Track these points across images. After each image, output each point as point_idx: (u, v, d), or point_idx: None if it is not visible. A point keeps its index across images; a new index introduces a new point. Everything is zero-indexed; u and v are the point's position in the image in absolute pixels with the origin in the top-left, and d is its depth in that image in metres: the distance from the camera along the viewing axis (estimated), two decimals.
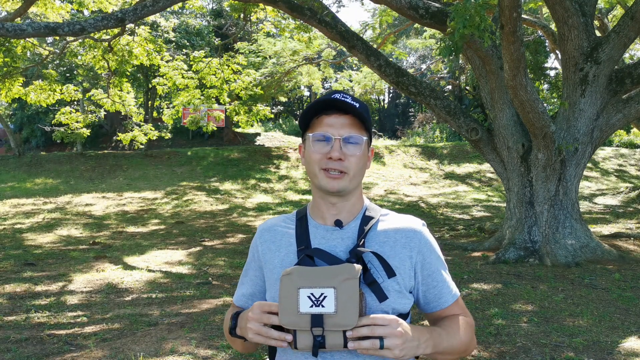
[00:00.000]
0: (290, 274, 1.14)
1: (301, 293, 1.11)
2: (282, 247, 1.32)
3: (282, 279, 1.15)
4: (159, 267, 6.75)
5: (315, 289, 1.11)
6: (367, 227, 1.29)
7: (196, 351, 3.80)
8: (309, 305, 1.10)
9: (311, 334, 1.11)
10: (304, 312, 1.10)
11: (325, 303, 1.10)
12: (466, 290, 5.40)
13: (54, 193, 14.52)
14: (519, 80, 5.81)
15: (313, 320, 1.10)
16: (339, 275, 1.11)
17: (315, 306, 1.10)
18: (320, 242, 1.29)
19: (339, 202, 1.30)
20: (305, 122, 1.31)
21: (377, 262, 1.23)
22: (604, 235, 8.28)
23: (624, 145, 21.44)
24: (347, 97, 1.26)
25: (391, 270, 1.21)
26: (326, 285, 1.10)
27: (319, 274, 1.13)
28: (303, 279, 1.12)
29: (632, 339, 4.00)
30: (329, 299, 1.10)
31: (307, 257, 1.23)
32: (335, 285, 1.10)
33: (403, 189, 15.80)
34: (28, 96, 11.39)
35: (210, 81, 12.20)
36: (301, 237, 1.30)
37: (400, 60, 27.75)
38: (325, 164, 1.26)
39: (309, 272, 1.14)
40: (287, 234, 1.34)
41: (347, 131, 1.26)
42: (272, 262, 1.32)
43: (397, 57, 14.88)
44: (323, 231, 1.30)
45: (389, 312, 1.22)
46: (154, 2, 6.53)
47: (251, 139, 23.62)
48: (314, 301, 1.10)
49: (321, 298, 1.10)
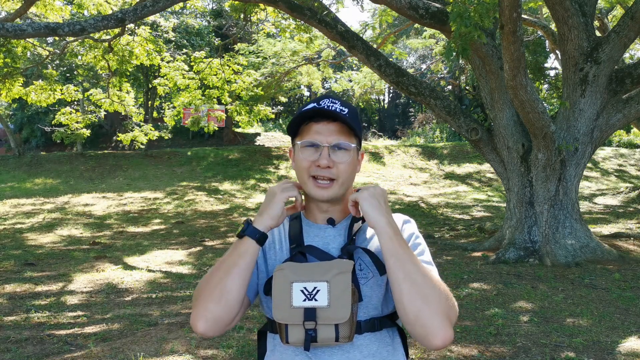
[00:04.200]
0: (283, 269, 1.15)
1: (294, 287, 1.12)
2: (276, 243, 1.34)
3: (276, 274, 1.16)
4: (159, 267, 6.75)
5: (309, 283, 1.11)
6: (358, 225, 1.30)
7: (196, 351, 3.80)
8: (302, 299, 1.11)
9: (303, 328, 1.11)
10: (297, 306, 1.11)
11: (318, 297, 1.11)
12: (466, 290, 5.40)
13: (54, 193, 14.52)
14: (519, 80, 5.81)
15: (306, 314, 1.11)
16: (332, 269, 1.12)
17: (309, 300, 1.11)
18: (314, 240, 1.30)
19: (331, 207, 1.32)
20: (294, 129, 1.31)
21: (368, 259, 1.24)
22: (604, 235, 8.28)
23: (624, 145, 21.44)
24: (335, 103, 1.26)
25: (382, 267, 1.21)
26: (319, 279, 1.11)
27: (312, 268, 1.14)
28: (296, 274, 1.13)
29: (632, 339, 4.00)
30: (322, 293, 1.11)
31: (299, 254, 1.24)
32: (329, 279, 1.11)
33: (403, 189, 15.80)
34: (28, 96, 11.39)
35: (212, 81, 12.21)
36: (294, 235, 1.31)
37: (400, 60, 27.74)
38: (313, 171, 1.26)
39: (302, 267, 1.15)
40: (281, 232, 1.35)
41: (336, 138, 1.26)
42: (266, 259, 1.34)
43: (397, 57, 14.88)
44: (316, 229, 1.32)
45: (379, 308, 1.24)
46: (154, 2, 6.53)
47: (251, 139, 23.62)
48: (307, 295, 1.11)
49: (314, 292, 1.11)
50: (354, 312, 1.13)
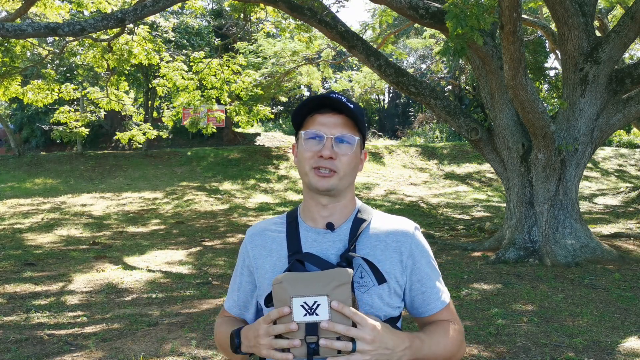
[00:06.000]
0: (282, 282, 1.12)
1: (294, 302, 1.10)
2: (274, 251, 1.30)
3: (274, 287, 1.14)
4: (159, 267, 6.75)
5: (308, 298, 1.10)
6: (359, 230, 1.27)
7: (196, 351, 3.80)
8: (302, 314, 1.09)
9: (305, 342, 1.10)
10: (298, 322, 1.09)
11: (319, 311, 1.09)
12: (466, 290, 5.40)
13: (54, 193, 14.52)
14: (519, 80, 5.81)
15: (307, 329, 1.09)
16: (331, 281, 1.10)
17: (309, 315, 1.09)
18: (312, 246, 1.27)
19: (330, 203, 1.29)
20: (299, 120, 1.30)
21: (367, 267, 1.22)
22: (604, 235, 8.28)
23: (624, 145, 21.43)
24: (342, 98, 1.26)
25: (381, 277, 1.20)
26: (319, 293, 1.09)
27: (310, 280, 1.11)
28: (295, 288, 1.11)
29: (632, 339, 4.00)
30: (322, 307, 1.09)
31: (297, 262, 1.21)
32: (328, 293, 1.09)
33: (403, 189, 15.80)
34: (25, 96, 11.32)
35: (211, 82, 12.19)
36: (292, 241, 1.28)
37: (400, 60, 27.72)
38: (316, 162, 1.24)
39: (300, 279, 1.12)
40: (278, 238, 1.32)
41: (340, 130, 1.25)
42: (264, 268, 1.31)
43: (397, 57, 14.88)
44: (314, 234, 1.29)
45: (380, 316, 1.22)
46: (154, 2, 6.52)
47: (251, 139, 23.62)
48: (308, 310, 1.09)
49: (314, 306, 1.09)
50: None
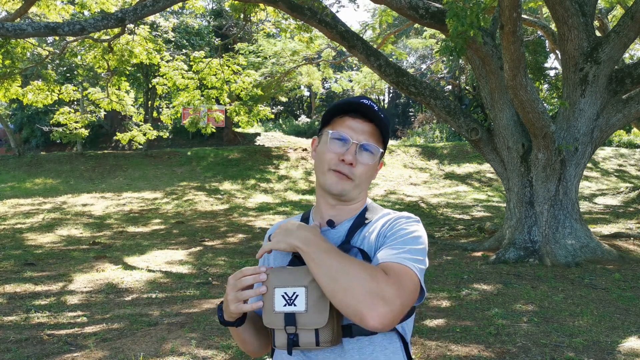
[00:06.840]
0: (269, 274, 1.17)
1: (276, 292, 1.14)
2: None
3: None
4: (159, 267, 6.75)
5: (289, 289, 1.13)
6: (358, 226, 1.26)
7: (196, 351, 3.80)
8: (282, 304, 1.13)
9: (285, 332, 1.13)
10: (278, 311, 1.13)
11: (297, 302, 1.12)
12: (466, 290, 5.40)
13: (54, 193, 14.52)
14: (519, 80, 5.81)
15: (286, 319, 1.12)
16: (309, 274, 1.12)
17: (288, 305, 1.12)
18: None
19: (338, 204, 1.30)
20: (328, 119, 1.31)
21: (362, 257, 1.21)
22: (604, 235, 8.28)
23: (624, 145, 21.43)
24: (374, 106, 1.26)
25: None
26: (298, 284, 1.13)
27: (292, 273, 1.15)
28: (278, 279, 1.15)
29: (632, 339, 4.00)
30: (300, 298, 1.12)
31: (295, 258, 1.22)
32: (306, 285, 1.12)
33: (403, 189, 15.80)
34: (25, 97, 11.32)
35: (211, 82, 12.20)
36: None
37: (400, 60, 27.73)
38: (336, 165, 1.24)
39: (286, 272, 1.16)
40: None
41: (366, 138, 1.25)
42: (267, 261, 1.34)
43: (397, 57, 14.88)
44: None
45: None
46: (154, 2, 6.53)
47: (251, 139, 23.61)
48: (287, 300, 1.13)
49: (294, 297, 1.12)
50: (336, 317, 1.12)
